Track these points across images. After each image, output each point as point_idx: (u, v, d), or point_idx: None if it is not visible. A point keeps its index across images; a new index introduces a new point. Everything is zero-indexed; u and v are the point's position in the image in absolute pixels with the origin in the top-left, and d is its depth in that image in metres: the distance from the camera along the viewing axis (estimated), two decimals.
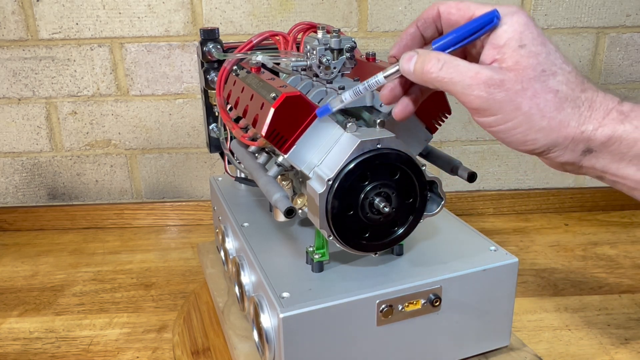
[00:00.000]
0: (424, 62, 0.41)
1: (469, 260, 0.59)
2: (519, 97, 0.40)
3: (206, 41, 0.72)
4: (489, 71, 0.40)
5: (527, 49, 0.39)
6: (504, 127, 0.41)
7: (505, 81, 0.39)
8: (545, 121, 0.40)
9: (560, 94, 0.40)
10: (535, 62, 0.39)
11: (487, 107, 0.40)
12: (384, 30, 1.08)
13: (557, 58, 0.40)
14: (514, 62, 0.39)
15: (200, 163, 1.16)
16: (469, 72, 0.40)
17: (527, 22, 0.40)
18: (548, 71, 0.40)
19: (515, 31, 0.40)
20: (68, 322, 0.83)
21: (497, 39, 0.40)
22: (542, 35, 0.40)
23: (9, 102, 1.11)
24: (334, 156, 0.50)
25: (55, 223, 1.16)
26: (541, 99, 0.40)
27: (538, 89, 0.39)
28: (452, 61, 0.41)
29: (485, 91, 0.40)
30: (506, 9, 0.41)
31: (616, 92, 0.43)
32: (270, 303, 0.53)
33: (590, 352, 0.73)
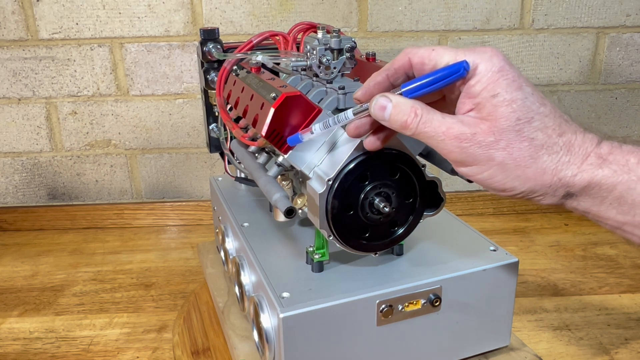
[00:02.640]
0: (401, 114, 0.41)
1: (469, 260, 0.59)
2: (491, 149, 0.39)
3: (206, 41, 0.72)
4: (460, 125, 0.40)
5: (500, 97, 0.39)
6: (481, 177, 0.41)
7: (476, 134, 0.39)
8: (520, 170, 0.40)
9: (536, 142, 0.40)
10: (509, 111, 0.39)
11: (462, 160, 0.41)
12: (384, 30, 1.08)
13: (534, 102, 0.40)
14: (487, 113, 0.39)
15: (200, 163, 1.16)
16: (442, 127, 0.40)
17: (501, 67, 0.39)
18: (523, 119, 0.39)
19: (488, 80, 0.39)
20: (68, 322, 0.83)
21: (471, 89, 0.40)
22: (518, 79, 0.40)
23: (9, 102, 1.11)
24: (334, 156, 0.50)
25: (55, 223, 1.16)
26: (515, 149, 0.39)
27: (512, 138, 0.39)
28: (427, 114, 0.40)
29: (457, 146, 0.40)
30: (480, 54, 0.40)
31: (596, 131, 0.42)
32: (270, 303, 0.53)
33: (590, 352, 0.73)
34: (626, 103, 1.15)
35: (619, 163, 0.40)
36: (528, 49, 1.10)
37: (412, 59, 0.42)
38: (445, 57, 0.41)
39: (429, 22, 1.08)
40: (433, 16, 1.07)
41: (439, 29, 1.08)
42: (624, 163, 0.40)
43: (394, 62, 0.43)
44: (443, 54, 0.41)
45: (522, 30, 1.09)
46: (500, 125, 0.39)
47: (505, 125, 0.39)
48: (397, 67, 0.43)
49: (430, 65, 0.42)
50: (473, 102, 0.40)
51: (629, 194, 0.39)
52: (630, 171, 0.39)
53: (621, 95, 1.15)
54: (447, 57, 0.41)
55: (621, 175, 0.39)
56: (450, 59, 0.41)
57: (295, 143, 0.50)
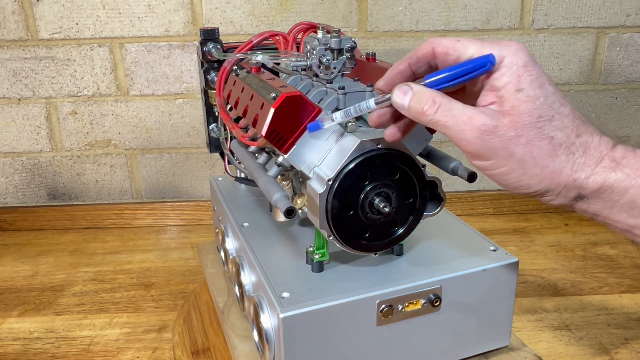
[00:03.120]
0: (420, 102, 0.41)
1: (469, 260, 0.59)
2: (512, 144, 0.39)
3: (206, 41, 0.72)
4: (482, 116, 0.39)
5: (524, 93, 0.39)
6: (497, 171, 0.41)
7: (498, 127, 0.39)
8: (538, 168, 0.40)
9: (555, 141, 0.40)
10: (532, 107, 0.39)
11: (480, 153, 0.40)
12: (384, 30, 1.08)
13: (555, 101, 0.40)
14: (510, 107, 0.39)
15: (200, 163, 1.16)
16: (463, 117, 0.40)
17: (526, 62, 0.39)
18: (545, 116, 0.39)
19: (513, 74, 0.39)
20: (68, 322, 0.83)
21: (495, 81, 0.40)
22: (541, 76, 0.40)
23: (9, 102, 1.11)
24: (334, 156, 0.50)
25: (55, 223, 1.16)
26: (535, 146, 0.39)
27: (533, 135, 0.39)
28: (447, 104, 0.40)
29: (478, 137, 0.39)
30: (506, 48, 0.40)
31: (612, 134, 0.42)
32: (270, 303, 0.53)
33: (590, 352, 0.73)
34: (626, 103, 1.15)
35: (632, 167, 0.40)
36: (528, 49, 1.10)
37: (435, 49, 0.42)
38: (470, 48, 0.41)
39: (429, 22, 1.08)
40: (433, 16, 1.07)
41: (439, 29, 1.08)
42: (637, 167, 0.40)
43: (417, 50, 0.43)
44: (468, 45, 0.41)
45: (522, 30, 1.09)
46: (523, 120, 0.39)
47: (528, 122, 0.39)
48: (419, 56, 0.43)
49: (455, 56, 0.41)
50: (496, 94, 0.40)
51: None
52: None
53: (621, 95, 1.15)
54: (472, 49, 0.40)
55: (634, 179, 0.39)
56: (476, 51, 0.40)
57: (315, 130, 0.49)
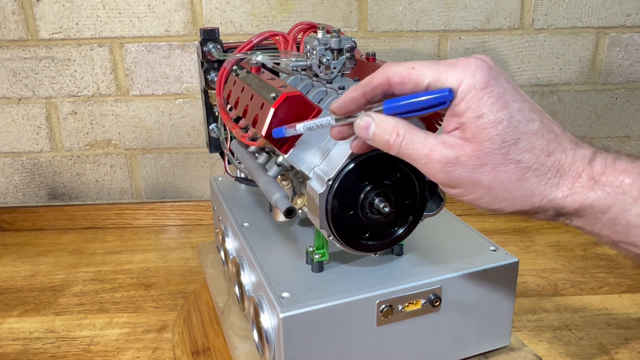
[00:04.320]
0: (383, 133, 0.40)
1: (469, 260, 0.59)
2: (476, 172, 0.38)
3: (206, 41, 0.72)
4: (443, 148, 0.38)
5: (485, 118, 0.37)
6: (467, 198, 0.40)
7: (460, 157, 0.38)
8: (507, 193, 0.39)
9: (523, 164, 0.38)
10: (495, 134, 0.37)
11: (447, 182, 0.40)
12: (384, 30, 1.08)
13: (520, 121, 0.38)
14: (472, 135, 0.38)
15: (200, 163, 1.16)
16: (424, 149, 0.39)
17: (485, 83, 0.37)
18: (509, 140, 0.37)
19: (472, 99, 0.37)
20: (68, 322, 0.83)
21: (455, 108, 0.38)
22: (504, 95, 0.37)
23: (9, 102, 1.11)
24: (334, 156, 0.50)
25: (55, 223, 1.16)
26: (501, 172, 0.38)
27: (497, 162, 0.38)
28: (409, 135, 0.39)
29: (440, 170, 0.39)
30: (463, 70, 0.37)
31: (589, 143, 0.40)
32: (270, 303, 0.53)
33: (590, 352, 0.73)
34: (626, 103, 1.15)
35: (613, 184, 0.38)
36: (528, 49, 1.10)
37: (391, 79, 0.40)
38: (426, 76, 0.38)
39: (429, 22, 1.08)
40: (433, 16, 1.07)
41: (439, 29, 1.08)
42: (617, 184, 0.38)
43: (372, 79, 0.41)
44: (423, 72, 0.39)
45: (522, 30, 1.09)
46: (485, 148, 0.37)
47: (491, 149, 0.37)
48: (374, 85, 0.41)
49: (411, 85, 0.39)
50: (457, 121, 0.38)
51: (623, 215, 0.38)
52: (625, 193, 0.38)
53: (621, 95, 1.15)
54: (428, 77, 0.38)
55: (615, 197, 0.38)
56: (432, 78, 0.38)
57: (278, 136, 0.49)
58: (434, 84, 0.38)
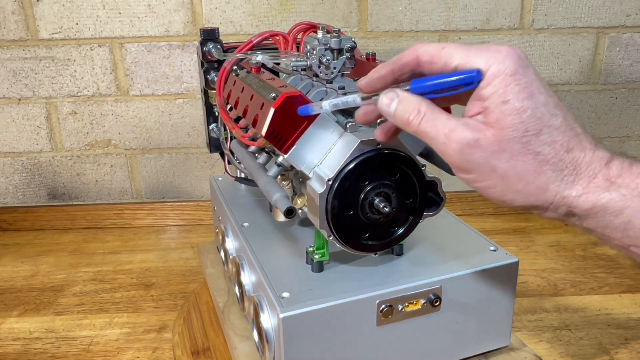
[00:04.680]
0: (405, 110, 0.40)
1: (469, 260, 0.59)
2: (494, 158, 0.38)
3: (206, 41, 0.72)
4: (464, 129, 0.38)
5: (510, 104, 0.37)
6: (480, 185, 0.40)
7: (480, 141, 0.38)
8: (522, 184, 0.38)
9: (541, 156, 0.38)
10: (518, 121, 0.37)
11: (462, 166, 0.39)
12: (384, 30, 1.08)
13: (545, 112, 0.37)
14: (495, 120, 0.37)
15: (200, 163, 1.16)
16: (445, 129, 0.38)
17: (514, 70, 0.37)
18: (531, 130, 0.37)
19: (499, 84, 0.37)
20: (68, 322, 0.83)
21: (481, 91, 0.38)
22: (531, 85, 0.37)
23: (9, 102, 1.11)
24: (334, 156, 0.50)
25: (55, 223, 1.16)
26: (519, 162, 0.38)
27: (517, 150, 0.37)
28: (431, 114, 0.39)
29: (458, 151, 0.38)
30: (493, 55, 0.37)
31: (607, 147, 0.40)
32: (270, 303, 0.53)
33: (590, 352, 0.73)
34: (626, 103, 1.15)
35: (629, 187, 0.38)
36: (528, 49, 1.10)
37: (420, 57, 0.40)
38: (455, 57, 0.39)
39: (429, 22, 1.08)
40: (433, 16, 1.07)
41: (439, 29, 1.08)
42: (633, 187, 0.38)
43: (401, 57, 0.41)
44: (453, 53, 0.39)
45: (522, 30, 1.09)
46: (507, 135, 0.37)
47: (512, 136, 0.37)
48: (403, 62, 0.41)
49: (440, 64, 0.39)
50: (482, 105, 0.38)
51: (638, 218, 0.38)
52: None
53: (621, 95, 1.15)
54: (457, 58, 0.38)
55: (630, 199, 0.38)
56: (461, 60, 0.38)
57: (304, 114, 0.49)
58: (463, 65, 0.38)
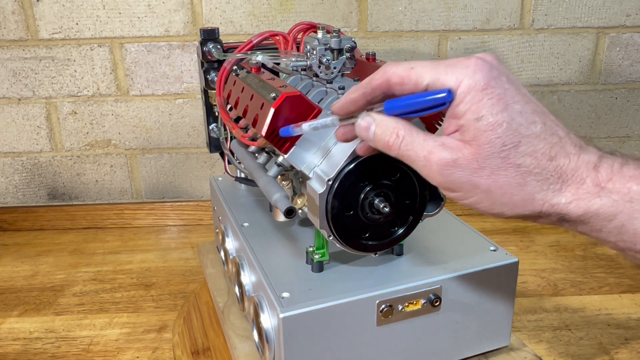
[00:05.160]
0: (384, 134, 0.40)
1: (469, 260, 0.59)
2: (475, 175, 0.37)
3: (206, 41, 0.72)
4: (442, 151, 0.38)
5: (484, 120, 0.36)
6: (467, 201, 0.39)
7: (459, 160, 0.37)
8: (507, 197, 0.38)
9: (523, 168, 0.37)
10: (494, 136, 0.36)
11: (445, 186, 0.39)
12: (384, 30, 1.08)
13: (521, 123, 0.37)
14: (472, 137, 0.37)
15: (200, 163, 1.16)
16: (423, 152, 0.38)
17: (485, 84, 0.36)
18: (509, 144, 0.36)
19: (471, 100, 0.36)
20: (68, 322, 0.83)
21: (454, 109, 0.37)
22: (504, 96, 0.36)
23: (9, 102, 1.11)
24: (334, 156, 0.50)
25: (55, 223, 1.16)
26: (500, 176, 0.37)
27: (497, 165, 0.37)
28: (409, 136, 0.39)
29: (438, 172, 0.38)
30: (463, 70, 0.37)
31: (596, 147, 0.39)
32: (270, 303, 0.53)
33: (590, 352, 0.73)
34: (626, 103, 1.15)
35: (620, 192, 0.37)
36: (528, 49, 1.10)
37: (390, 79, 0.39)
38: (425, 76, 0.38)
39: (429, 22, 1.08)
40: (433, 16, 1.07)
41: (439, 29, 1.08)
42: (625, 192, 0.37)
43: (372, 80, 0.41)
44: (423, 72, 0.38)
45: (522, 30, 1.09)
46: (485, 151, 0.37)
47: (490, 152, 0.37)
48: (374, 86, 0.40)
49: (411, 85, 0.39)
50: (457, 123, 0.37)
51: (631, 224, 0.37)
52: (633, 200, 0.37)
53: (621, 95, 1.15)
54: (427, 77, 0.38)
55: (622, 204, 0.37)
56: (431, 78, 0.37)
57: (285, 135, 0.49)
58: (433, 84, 0.37)
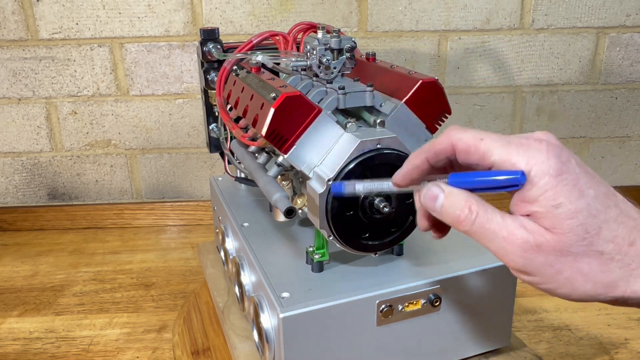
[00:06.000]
0: (454, 207, 0.37)
1: (469, 260, 0.59)
2: (558, 262, 0.36)
3: (206, 41, 0.72)
4: (524, 232, 0.36)
5: (563, 208, 0.34)
6: (546, 287, 0.38)
7: (542, 245, 0.35)
8: (589, 285, 0.36)
9: (606, 255, 0.35)
10: (576, 224, 0.34)
11: (524, 269, 0.37)
12: (384, 30, 1.08)
13: (599, 209, 0.35)
14: (551, 224, 0.35)
15: (200, 163, 1.16)
16: (503, 232, 0.36)
17: (559, 170, 0.34)
18: (591, 231, 0.35)
19: (546, 187, 0.34)
20: (68, 322, 0.83)
21: (526, 193, 0.35)
22: (578, 181, 0.35)
23: (9, 102, 1.11)
24: (334, 156, 0.50)
25: (55, 223, 1.16)
26: (584, 264, 0.35)
27: (581, 252, 0.35)
28: (484, 214, 0.37)
29: (520, 256, 0.36)
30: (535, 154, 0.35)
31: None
32: (270, 303, 0.53)
33: (590, 352, 0.73)
34: (626, 103, 1.15)
35: None
36: (528, 49, 1.10)
37: (456, 146, 0.38)
38: (495, 152, 0.36)
39: (429, 22, 1.08)
40: (433, 16, 1.07)
41: (439, 29, 1.08)
42: None
43: (435, 144, 0.39)
44: (492, 147, 0.36)
45: (522, 30, 1.09)
46: (568, 239, 0.35)
47: (574, 240, 0.35)
48: (437, 150, 0.39)
49: (477, 157, 0.37)
50: (529, 208, 0.36)
51: None
52: None
53: (621, 95, 1.15)
54: (497, 154, 0.36)
55: None
56: (500, 157, 0.36)
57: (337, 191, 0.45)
58: (502, 163, 0.36)
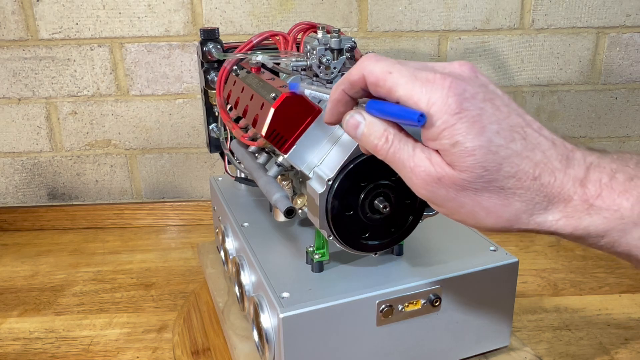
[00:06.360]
0: (372, 136, 0.38)
1: (469, 260, 0.59)
2: (460, 196, 0.36)
3: (206, 41, 0.72)
4: (428, 165, 0.36)
5: (460, 146, 0.34)
6: (454, 218, 0.39)
7: (443, 179, 0.36)
8: (492, 217, 0.37)
9: (507, 191, 0.36)
10: (474, 162, 0.35)
11: (429, 200, 0.38)
12: (384, 30, 1.08)
13: (500, 144, 0.35)
14: (450, 162, 0.35)
15: (200, 163, 1.16)
16: (410, 163, 0.37)
17: (457, 107, 0.34)
18: (491, 168, 0.35)
19: (444, 125, 0.34)
20: (68, 322, 0.83)
21: (427, 130, 0.35)
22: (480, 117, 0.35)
23: (9, 102, 1.11)
24: (334, 156, 0.50)
25: (55, 223, 1.16)
26: (485, 198, 0.36)
27: (480, 188, 0.36)
28: (397, 144, 0.38)
29: (423, 187, 0.37)
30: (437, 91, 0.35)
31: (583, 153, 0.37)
32: (270, 303, 0.53)
33: (590, 352, 0.73)
34: (626, 103, 1.15)
35: (610, 209, 0.36)
36: (528, 49, 1.10)
37: (367, 78, 0.38)
38: (399, 88, 0.36)
39: (429, 22, 1.08)
40: (433, 16, 1.07)
41: (439, 29, 1.08)
42: (615, 208, 0.36)
43: (350, 74, 0.39)
44: (398, 82, 0.36)
45: (522, 30, 1.09)
46: (467, 176, 0.35)
47: (472, 177, 0.35)
48: (352, 81, 0.39)
49: (384, 90, 0.37)
50: (432, 145, 0.36)
51: (623, 239, 0.36)
52: (623, 217, 0.36)
53: (621, 95, 1.15)
54: (401, 90, 0.36)
55: (612, 221, 0.36)
56: (404, 93, 0.36)
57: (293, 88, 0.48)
58: (405, 100, 0.36)
